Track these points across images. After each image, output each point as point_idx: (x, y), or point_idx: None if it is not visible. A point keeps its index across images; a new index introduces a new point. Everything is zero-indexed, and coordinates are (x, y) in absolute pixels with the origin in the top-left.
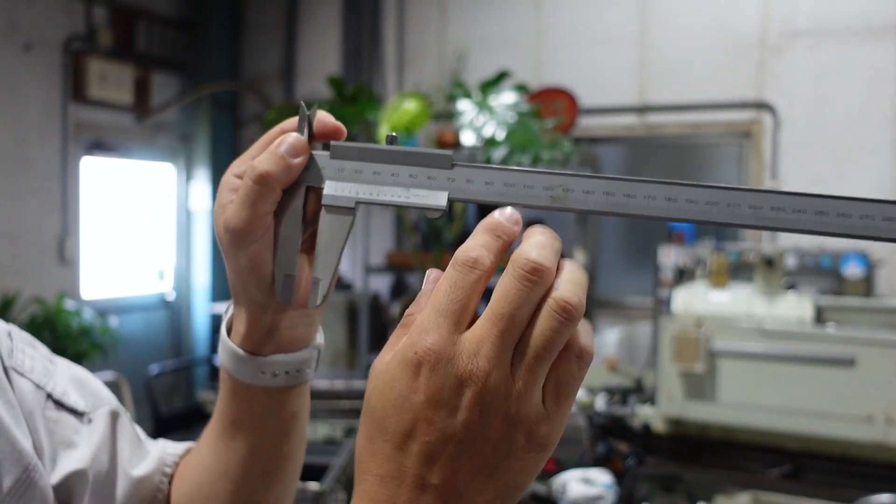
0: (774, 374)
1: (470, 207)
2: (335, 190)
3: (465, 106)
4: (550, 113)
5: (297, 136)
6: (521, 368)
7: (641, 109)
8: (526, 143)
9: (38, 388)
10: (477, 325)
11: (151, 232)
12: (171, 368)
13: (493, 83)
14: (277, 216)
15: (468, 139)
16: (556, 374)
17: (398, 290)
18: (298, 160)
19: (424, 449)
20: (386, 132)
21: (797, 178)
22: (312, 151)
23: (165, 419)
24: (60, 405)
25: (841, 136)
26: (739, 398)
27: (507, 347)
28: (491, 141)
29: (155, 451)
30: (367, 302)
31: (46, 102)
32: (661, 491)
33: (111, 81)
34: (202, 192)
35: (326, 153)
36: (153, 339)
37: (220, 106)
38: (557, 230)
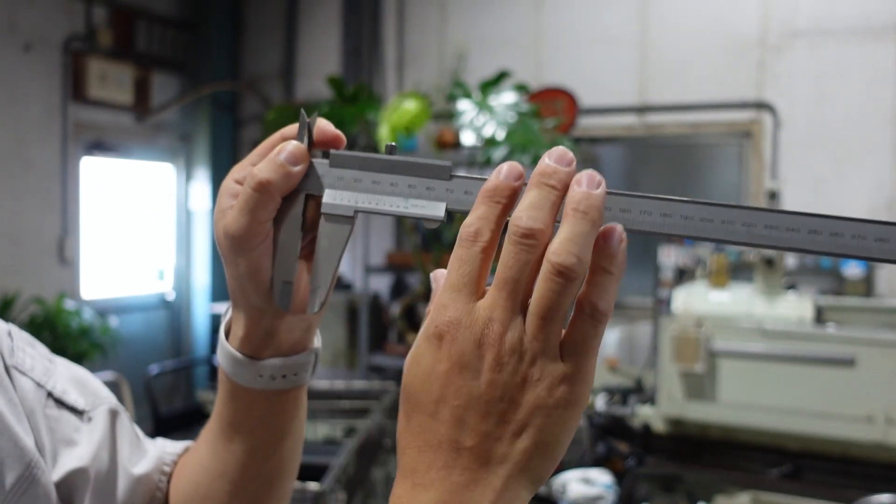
0: (774, 374)
1: None
2: (334, 198)
3: (465, 106)
4: (550, 113)
5: (296, 143)
6: (533, 329)
7: (641, 109)
8: (526, 143)
9: (38, 386)
10: (488, 292)
11: (151, 232)
12: (170, 368)
13: (493, 83)
14: (277, 223)
15: (468, 139)
16: (571, 332)
17: (398, 290)
18: (298, 168)
19: (455, 413)
20: (386, 132)
21: (797, 177)
22: (312, 159)
23: (165, 419)
24: (61, 404)
25: (841, 136)
26: (739, 398)
27: (517, 309)
28: (491, 141)
29: (154, 450)
30: (367, 302)
31: (46, 102)
32: (661, 491)
33: (111, 81)
34: (202, 192)
35: (326, 161)
36: (153, 339)
37: (220, 106)
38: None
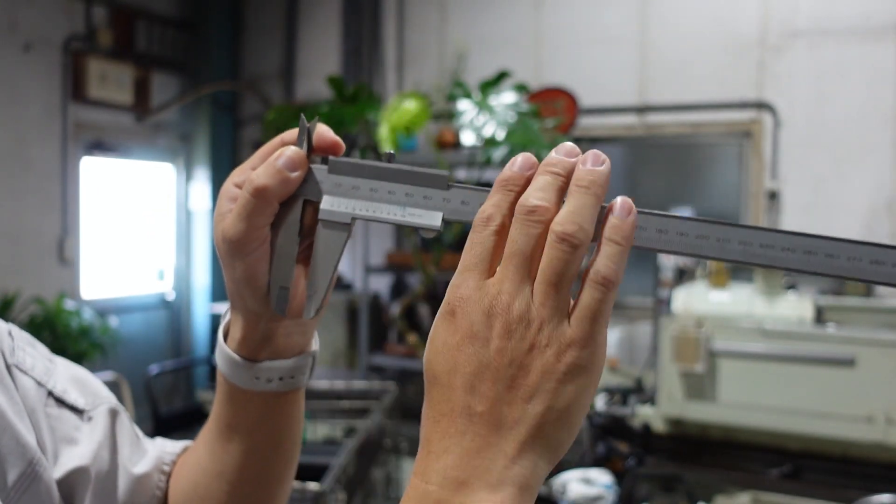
0: (774, 374)
1: None
2: (332, 205)
3: (465, 106)
4: (550, 113)
5: (295, 149)
6: (540, 297)
7: (641, 109)
8: (526, 142)
9: (39, 385)
10: (497, 269)
11: (151, 232)
12: (170, 368)
13: (493, 83)
14: (274, 228)
15: (468, 139)
16: (579, 300)
17: (398, 290)
18: (296, 174)
19: (466, 380)
20: (386, 132)
21: (797, 177)
22: (311, 165)
23: (165, 419)
24: (61, 403)
25: (841, 136)
26: (739, 398)
27: (524, 280)
28: (491, 141)
29: (153, 449)
30: (367, 302)
31: (46, 102)
32: (661, 491)
33: (111, 81)
34: (202, 192)
35: (325, 167)
36: (153, 339)
37: (220, 106)
38: None
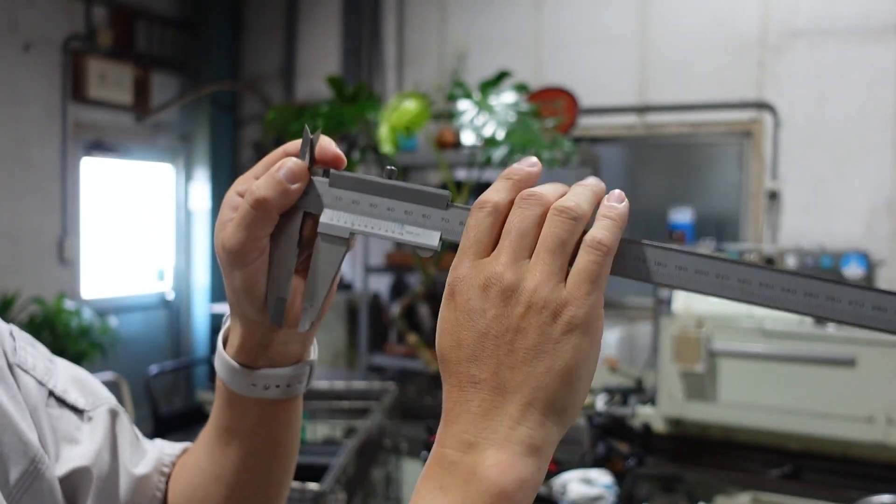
0: (775, 374)
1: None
2: (331, 219)
3: (465, 106)
4: (550, 113)
5: (296, 161)
6: (537, 263)
7: (641, 109)
8: (526, 142)
9: (40, 385)
10: (495, 248)
11: (151, 232)
12: (170, 368)
13: (493, 83)
14: (274, 239)
15: (468, 139)
16: (575, 264)
17: (398, 290)
18: (296, 186)
19: (469, 352)
20: (386, 132)
21: (797, 177)
22: (312, 178)
23: (165, 419)
24: (62, 402)
25: (841, 136)
26: (740, 398)
27: (519, 252)
28: (491, 141)
29: (153, 450)
30: (367, 302)
31: (46, 102)
32: (661, 491)
33: (111, 81)
34: (202, 192)
35: (326, 180)
36: (153, 339)
37: (219, 106)
38: None
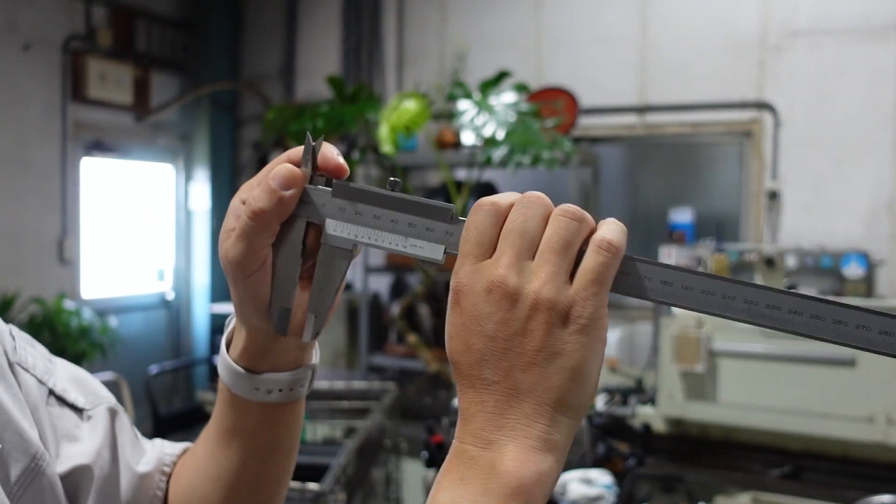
0: (775, 374)
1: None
2: (335, 229)
3: (465, 106)
4: (550, 113)
5: (289, 167)
6: (541, 263)
7: (641, 109)
8: (526, 142)
9: (40, 383)
10: (496, 250)
11: (151, 232)
12: (170, 368)
13: (493, 83)
14: (277, 248)
15: (468, 139)
16: (582, 264)
17: (398, 290)
18: (290, 192)
19: (478, 355)
20: (386, 132)
21: (797, 177)
22: (316, 187)
23: (165, 419)
24: (62, 401)
25: (841, 136)
26: (740, 398)
27: (521, 254)
28: (491, 140)
29: (153, 450)
30: (367, 302)
31: (46, 102)
32: (661, 491)
33: (111, 81)
34: (202, 192)
35: (329, 190)
36: (153, 339)
37: (219, 106)
38: None
